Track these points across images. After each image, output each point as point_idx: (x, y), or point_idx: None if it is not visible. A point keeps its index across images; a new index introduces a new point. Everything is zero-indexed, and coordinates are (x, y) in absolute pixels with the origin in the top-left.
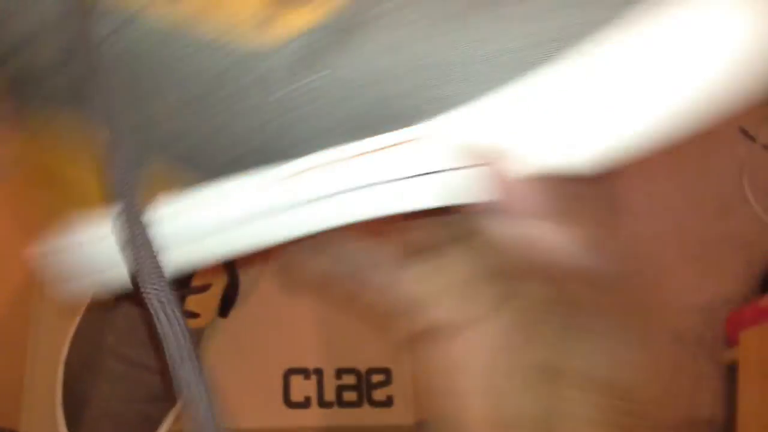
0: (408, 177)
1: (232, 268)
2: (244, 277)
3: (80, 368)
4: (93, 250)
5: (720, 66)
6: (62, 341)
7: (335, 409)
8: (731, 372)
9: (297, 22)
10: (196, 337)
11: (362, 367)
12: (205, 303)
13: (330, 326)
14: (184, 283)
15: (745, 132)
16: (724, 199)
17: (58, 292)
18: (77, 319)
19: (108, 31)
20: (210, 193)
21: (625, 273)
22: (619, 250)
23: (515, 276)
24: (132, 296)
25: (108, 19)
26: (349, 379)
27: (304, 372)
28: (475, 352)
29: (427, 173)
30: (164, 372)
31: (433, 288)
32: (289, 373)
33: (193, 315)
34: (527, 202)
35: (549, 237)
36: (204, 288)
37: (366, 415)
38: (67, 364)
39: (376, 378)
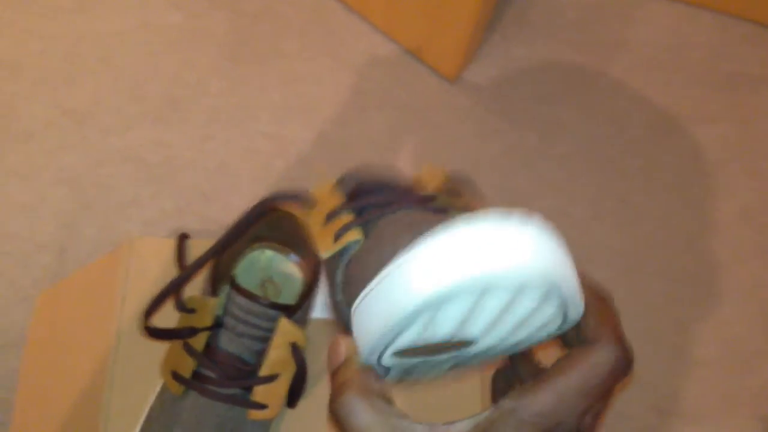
0: None
1: (299, 357)
2: (312, 367)
3: None
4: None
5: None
6: None
7: None
8: None
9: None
10: (264, 429)
11: None
12: (273, 393)
13: None
14: (252, 374)
15: None
16: None
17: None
18: (145, 412)
19: None
20: None
21: None
22: None
23: None
24: (199, 387)
25: None
26: None
27: None
28: None
29: None
30: None
31: None
32: None
33: (261, 406)
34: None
35: None
36: (271, 378)
37: None
38: None
39: None
